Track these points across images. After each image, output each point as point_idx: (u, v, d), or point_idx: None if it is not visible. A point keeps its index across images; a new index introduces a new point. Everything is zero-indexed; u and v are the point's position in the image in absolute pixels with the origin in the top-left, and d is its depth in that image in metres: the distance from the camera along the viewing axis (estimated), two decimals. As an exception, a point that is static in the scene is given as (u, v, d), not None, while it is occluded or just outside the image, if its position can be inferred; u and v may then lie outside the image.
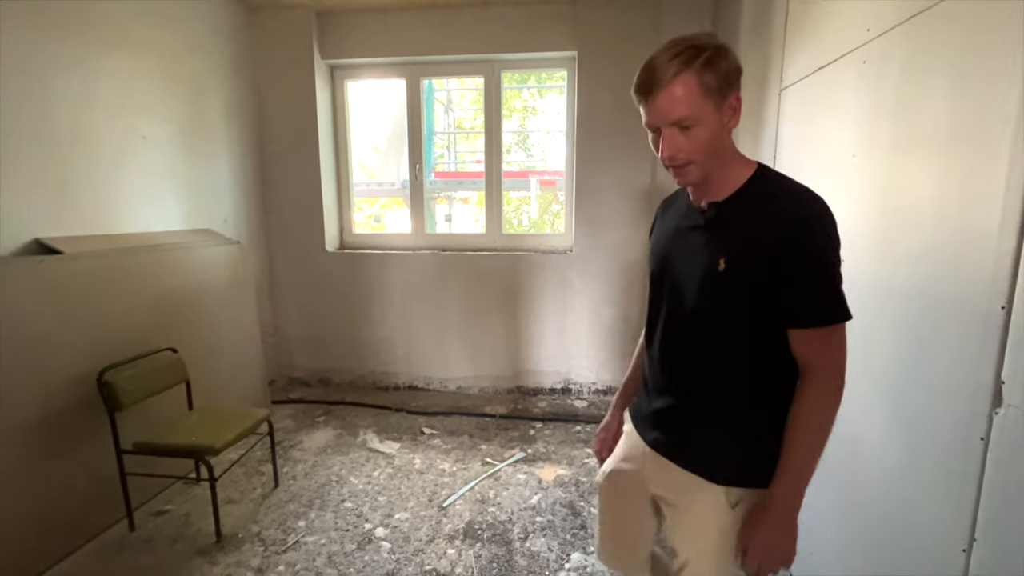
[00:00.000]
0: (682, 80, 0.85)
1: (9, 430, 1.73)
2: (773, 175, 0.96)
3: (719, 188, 0.95)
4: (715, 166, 0.93)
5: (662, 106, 0.87)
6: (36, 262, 1.87)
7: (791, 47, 1.88)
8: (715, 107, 0.87)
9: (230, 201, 3.21)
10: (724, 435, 0.99)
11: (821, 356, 0.90)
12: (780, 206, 0.89)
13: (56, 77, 2.09)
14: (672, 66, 0.85)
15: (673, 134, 0.88)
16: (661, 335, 1.07)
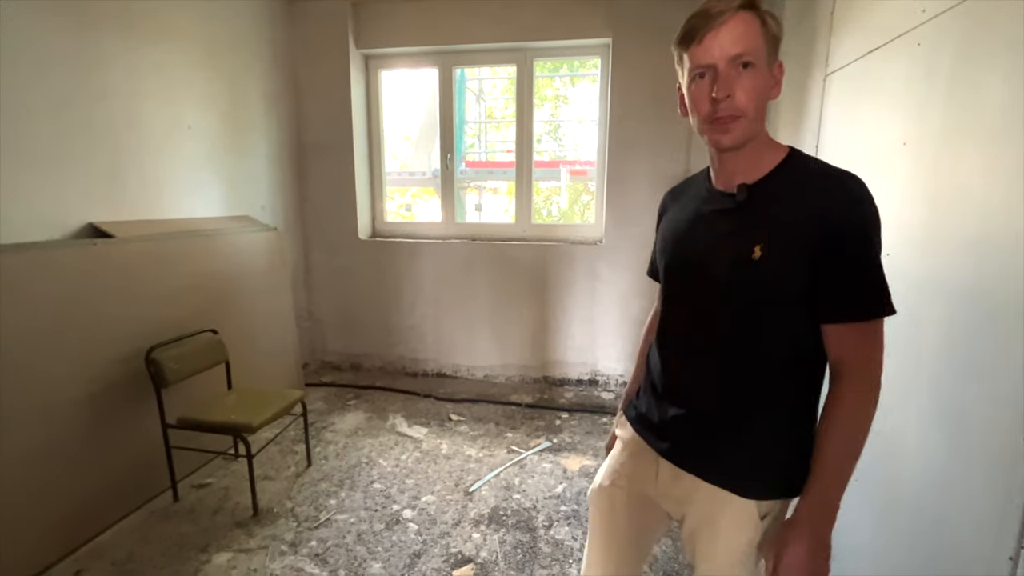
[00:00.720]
0: (745, 17, 0.78)
1: (66, 403, 1.85)
2: (808, 158, 0.88)
3: (750, 168, 0.86)
4: (756, 132, 0.84)
5: (723, 39, 0.78)
6: (90, 245, 1.98)
7: (839, 31, 1.80)
8: (768, 61, 0.81)
9: (267, 189, 3.30)
10: (755, 443, 0.88)
11: (861, 354, 0.81)
12: (824, 188, 0.80)
13: (106, 70, 2.18)
14: (734, 2, 0.78)
15: (730, 73, 0.79)
16: (680, 334, 0.98)
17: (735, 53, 0.78)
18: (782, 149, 0.88)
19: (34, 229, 1.91)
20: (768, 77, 0.82)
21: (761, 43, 0.79)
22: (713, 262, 0.89)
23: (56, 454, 1.82)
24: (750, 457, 0.89)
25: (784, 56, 0.83)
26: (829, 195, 0.80)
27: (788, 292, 0.82)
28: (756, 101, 0.81)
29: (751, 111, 0.81)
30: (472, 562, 1.87)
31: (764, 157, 0.87)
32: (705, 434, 0.92)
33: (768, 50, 0.81)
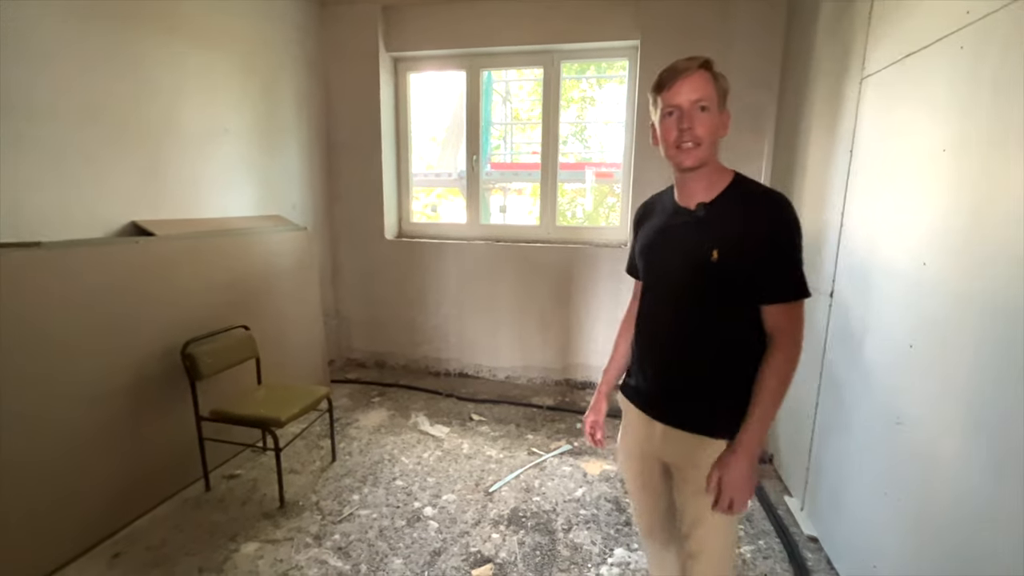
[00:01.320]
0: (703, 73, 1.07)
1: (107, 394, 1.93)
2: (748, 181, 1.14)
3: (706, 189, 1.13)
4: (710, 158, 1.10)
5: (687, 87, 1.06)
6: (133, 243, 2.07)
7: (876, 33, 1.75)
8: (719, 107, 1.09)
9: (298, 189, 3.39)
10: (718, 397, 1.14)
11: (789, 326, 1.08)
12: (760, 206, 1.08)
13: (149, 72, 2.27)
14: (695, 63, 1.08)
15: (693, 111, 1.06)
16: (658, 320, 1.22)
17: (695, 98, 1.06)
18: (729, 174, 1.14)
19: (81, 226, 2.01)
20: (718, 119, 1.09)
21: (713, 93, 1.08)
22: (680, 262, 1.14)
23: (100, 441, 1.91)
24: (717, 406, 1.14)
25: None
26: (764, 212, 1.07)
27: (736, 284, 1.08)
28: (709, 135, 1.07)
29: (706, 141, 1.07)
30: (491, 562, 1.89)
31: (715, 180, 1.13)
32: (681, 396, 1.19)
33: (719, 100, 1.09)
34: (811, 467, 2.09)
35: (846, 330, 1.86)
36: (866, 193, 1.77)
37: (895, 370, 1.52)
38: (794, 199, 2.44)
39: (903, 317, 1.49)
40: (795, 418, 2.30)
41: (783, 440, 2.46)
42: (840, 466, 1.84)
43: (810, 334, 2.11)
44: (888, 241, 1.61)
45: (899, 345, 1.49)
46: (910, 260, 1.47)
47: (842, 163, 1.94)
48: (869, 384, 1.67)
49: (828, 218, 2.05)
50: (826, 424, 1.98)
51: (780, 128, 2.82)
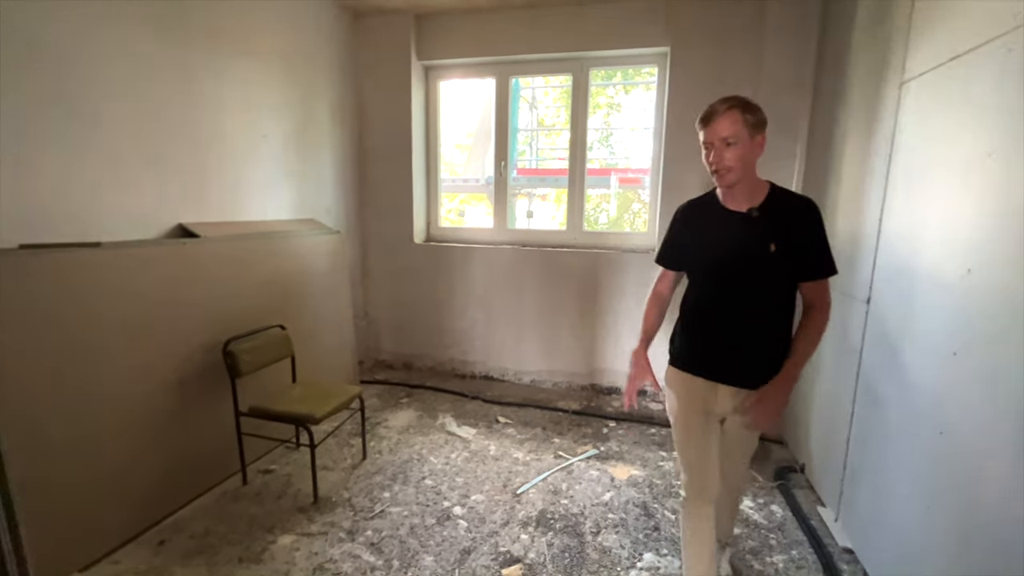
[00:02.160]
0: (732, 113, 1.34)
1: (154, 389, 2.02)
2: (782, 189, 1.45)
3: (750, 197, 1.42)
4: (744, 176, 1.38)
5: (717, 128, 1.35)
6: (180, 244, 2.16)
7: (916, 36, 1.73)
8: (749, 137, 1.35)
9: (332, 193, 3.49)
10: (769, 361, 1.45)
11: (824, 294, 1.42)
12: (802, 209, 1.41)
13: (197, 82, 2.39)
14: (725, 105, 1.36)
15: (722, 147, 1.35)
16: (722, 302, 1.48)
17: (724, 136, 1.35)
18: (765, 184, 1.45)
19: (135, 228, 2.11)
20: (748, 147, 1.36)
21: (742, 129, 1.34)
22: (742, 254, 1.42)
23: (147, 433, 2.00)
24: (768, 370, 1.44)
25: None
26: (805, 213, 1.41)
27: (786, 269, 1.40)
28: (738, 162, 1.35)
29: (735, 167, 1.36)
30: (520, 562, 1.90)
31: (755, 190, 1.43)
32: (749, 360, 1.47)
33: (748, 132, 1.35)
34: (846, 477, 2.05)
35: (884, 337, 1.83)
36: (906, 198, 1.74)
37: (937, 379, 1.49)
38: (828, 203, 2.42)
39: (945, 325, 1.46)
40: (828, 426, 2.26)
41: (816, 449, 2.41)
42: (878, 477, 1.80)
43: (845, 340, 2.09)
44: (930, 247, 1.58)
45: (942, 353, 1.47)
46: (953, 267, 1.44)
47: (880, 168, 1.92)
48: (909, 393, 1.64)
49: (864, 223, 2.02)
50: (862, 433, 1.95)
51: (813, 131, 2.78)
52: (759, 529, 2.12)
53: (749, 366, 1.47)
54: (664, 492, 2.38)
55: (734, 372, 1.49)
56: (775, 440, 2.91)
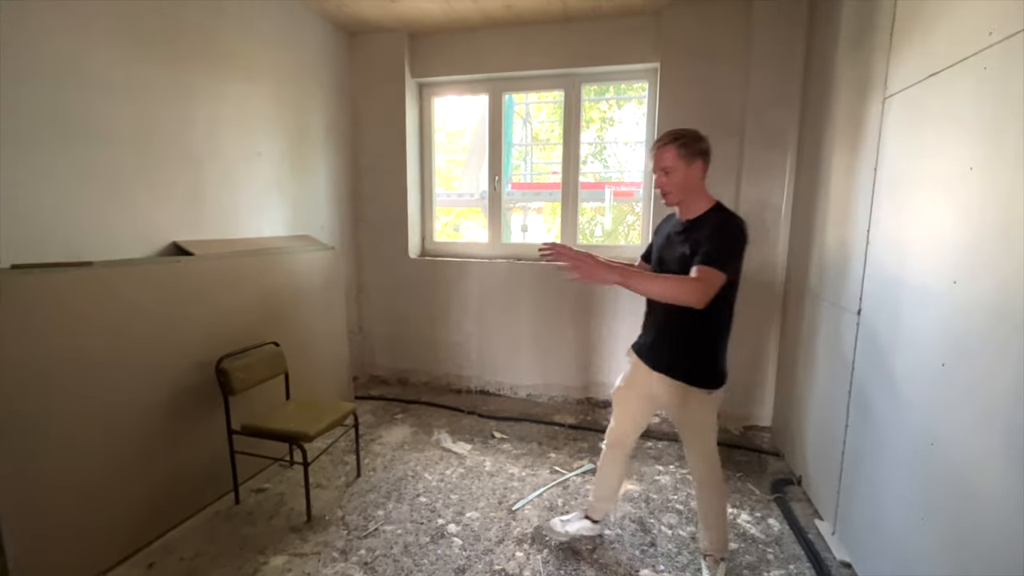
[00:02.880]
0: (669, 148, 1.65)
1: (146, 408, 2.01)
2: (718, 209, 1.68)
3: (690, 212, 1.71)
4: (685, 197, 1.69)
5: (657, 160, 1.68)
6: (174, 262, 2.16)
7: (897, 53, 1.76)
8: (685, 166, 1.64)
9: (326, 210, 3.50)
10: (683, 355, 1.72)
11: (699, 275, 1.51)
12: (715, 223, 1.63)
13: (191, 102, 2.41)
14: (663, 141, 1.66)
15: (661, 176, 1.68)
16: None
17: (661, 167, 1.67)
18: (710, 202, 1.70)
19: (128, 246, 2.12)
20: (684, 174, 1.65)
21: (677, 160, 1.64)
22: (668, 255, 1.74)
23: (139, 454, 1.98)
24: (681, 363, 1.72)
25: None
26: (712, 225, 1.63)
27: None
28: (674, 188, 1.67)
29: (673, 191, 1.68)
30: (516, 581, 1.88)
31: (695, 208, 1.70)
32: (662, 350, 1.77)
33: (684, 162, 1.64)
34: (842, 490, 2.04)
35: (875, 348, 1.84)
36: (892, 211, 1.77)
37: (927, 390, 1.50)
38: (818, 214, 2.45)
39: (934, 335, 1.48)
40: (823, 438, 2.25)
41: (812, 461, 2.41)
42: (873, 489, 1.79)
43: (838, 351, 2.10)
44: (916, 259, 1.60)
45: (931, 364, 1.47)
46: (940, 278, 1.46)
47: (866, 181, 1.94)
48: (901, 404, 1.64)
49: (853, 235, 2.04)
50: (857, 445, 1.94)
51: (802, 145, 2.82)
52: (756, 543, 2.11)
53: (664, 355, 1.75)
54: (661, 507, 2.36)
55: (656, 359, 1.78)
56: (772, 452, 2.90)
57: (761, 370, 3.15)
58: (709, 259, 1.52)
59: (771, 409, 3.17)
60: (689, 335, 1.68)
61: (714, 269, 1.51)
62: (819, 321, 2.39)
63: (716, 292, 1.51)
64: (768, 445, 3.01)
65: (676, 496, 2.45)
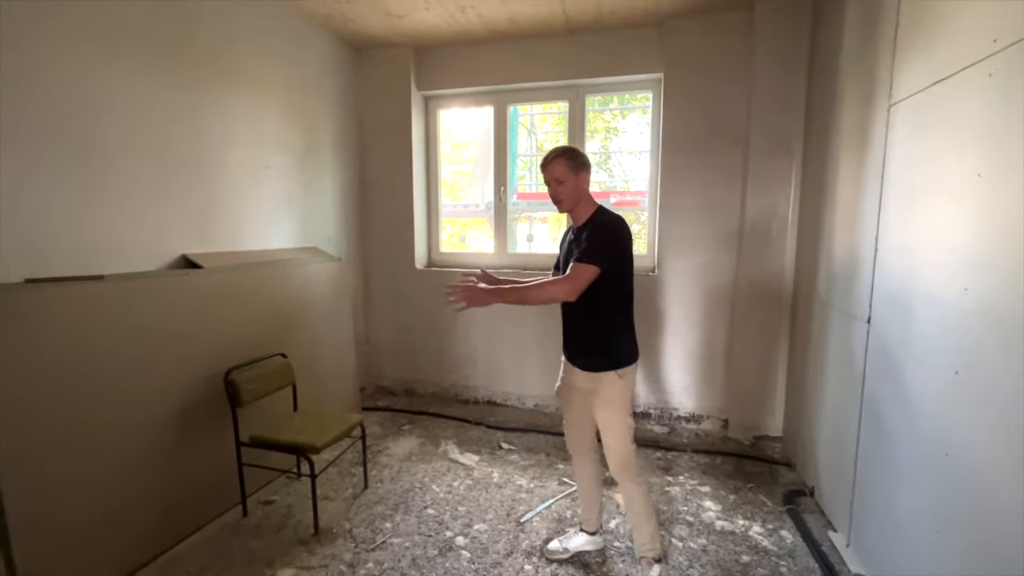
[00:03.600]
0: (559, 160, 1.80)
1: (155, 420, 2.02)
2: (601, 213, 1.81)
3: (579, 219, 1.85)
4: (575, 205, 1.83)
5: (549, 170, 1.81)
6: (183, 275, 2.19)
7: (901, 61, 1.77)
8: (574, 176, 1.80)
9: (334, 222, 3.53)
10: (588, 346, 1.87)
11: (570, 273, 1.69)
12: (593, 225, 1.79)
13: (201, 118, 2.45)
14: (554, 154, 1.81)
15: (553, 185, 1.82)
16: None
17: (553, 178, 1.81)
18: (594, 207, 1.84)
19: (138, 260, 2.14)
20: (575, 182, 1.80)
21: (567, 171, 1.79)
22: (565, 259, 1.89)
23: (147, 466, 1.98)
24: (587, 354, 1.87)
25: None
26: (591, 227, 1.78)
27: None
28: (566, 196, 1.81)
29: (566, 199, 1.82)
30: (524, 595, 1.86)
31: (583, 214, 1.84)
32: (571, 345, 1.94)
33: (572, 172, 1.79)
34: (855, 501, 2.01)
35: (886, 357, 1.82)
36: (901, 218, 1.76)
37: (940, 399, 1.48)
38: (825, 222, 2.44)
39: (946, 344, 1.46)
40: (835, 448, 2.22)
41: (823, 472, 2.37)
42: (887, 500, 1.76)
43: (848, 360, 2.08)
44: (926, 267, 1.58)
45: (944, 372, 1.46)
46: (951, 286, 1.44)
47: (873, 188, 1.94)
48: (914, 413, 1.62)
49: (861, 243, 2.03)
50: (870, 456, 1.92)
51: (808, 152, 2.82)
52: (769, 556, 2.07)
53: (575, 349, 1.91)
54: (671, 519, 2.33)
55: (570, 354, 1.93)
56: (783, 463, 2.87)
57: (770, 379, 3.12)
58: (579, 257, 1.70)
59: (781, 419, 3.13)
60: (588, 327, 1.84)
61: (582, 264, 1.68)
62: (828, 329, 2.37)
63: (585, 283, 1.68)
64: (779, 456, 2.97)
65: (686, 508, 2.42)
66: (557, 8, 2.96)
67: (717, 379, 3.30)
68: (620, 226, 1.77)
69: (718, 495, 2.54)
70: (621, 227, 1.77)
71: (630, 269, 1.82)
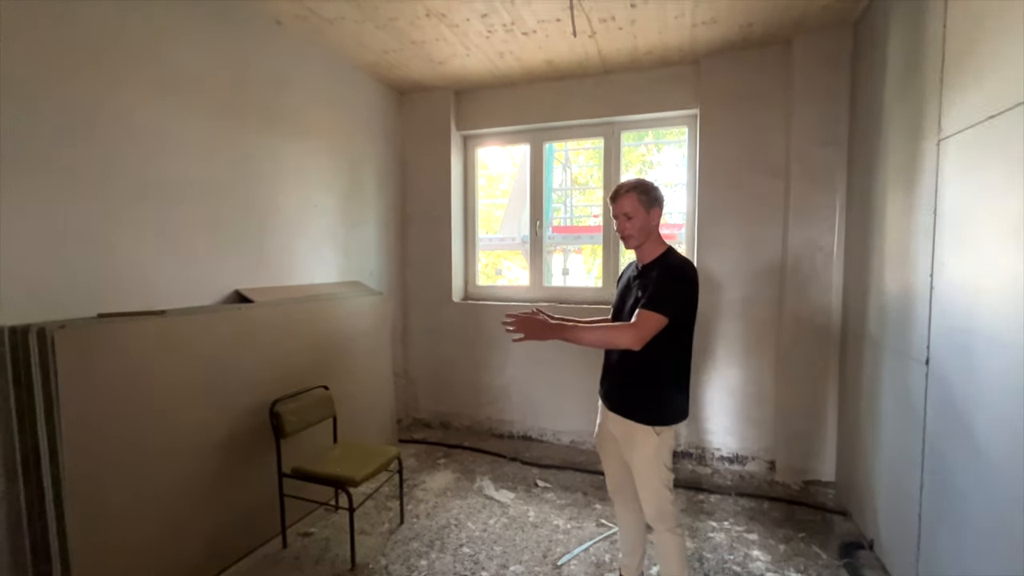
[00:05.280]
0: (630, 195, 1.73)
1: (204, 450, 2.10)
2: (670, 254, 1.76)
3: (645, 258, 1.79)
4: (643, 242, 1.76)
5: (619, 205, 1.75)
6: (236, 310, 2.30)
7: (949, 95, 1.72)
8: (645, 212, 1.73)
9: (375, 256, 3.66)
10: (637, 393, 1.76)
11: (638, 320, 1.62)
12: (661, 267, 1.72)
13: (255, 161, 2.62)
14: (625, 188, 1.75)
15: (623, 220, 1.75)
16: None
17: (623, 213, 1.75)
18: (663, 248, 1.77)
19: (194, 295, 2.28)
20: (646, 219, 1.73)
21: (638, 206, 1.72)
22: (624, 298, 1.85)
23: (194, 497, 2.05)
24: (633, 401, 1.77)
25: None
26: (659, 269, 1.72)
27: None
28: (635, 232, 1.74)
29: (635, 235, 1.75)
30: (563, 644, 1.79)
31: (651, 252, 1.78)
32: (614, 389, 1.85)
33: (643, 207, 1.73)
34: (921, 558, 1.86)
35: (949, 402, 1.71)
36: (957, 254, 1.68)
37: (1012, 448, 1.37)
38: (873, 257, 2.36)
39: (1014, 388, 1.36)
40: (897, 500, 2.08)
41: (884, 524, 2.21)
42: (956, 558, 1.63)
43: (907, 404, 1.97)
44: (988, 306, 1.50)
45: (1013, 420, 1.36)
46: (1015, 326, 1.36)
47: (925, 223, 1.87)
48: (983, 464, 1.51)
49: (915, 280, 1.95)
50: (935, 509, 1.78)
51: (851, 185, 2.75)
52: (825, 614, 1.93)
53: (616, 395, 1.81)
54: (716, 568, 2.21)
55: (610, 399, 1.84)
56: (838, 511, 2.69)
57: (819, 419, 2.97)
58: (648, 303, 1.62)
59: (834, 463, 2.96)
60: (636, 374, 1.74)
61: (652, 312, 1.61)
62: (882, 369, 2.25)
63: (652, 333, 1.60)
64: (833, 503, 2.80)
65: (732, 556, 2.30)
66: (592, 50, 3.05)
67: (762, 418, 3.17)
68: (691, 271, 1.69)
69: (767, 544, 2.40)
70: (691, 272, 1.69)
71: (693, 321, 1.74)
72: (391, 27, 2.78)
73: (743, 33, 2.85)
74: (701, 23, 2.71)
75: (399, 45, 3.01)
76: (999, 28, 1.47)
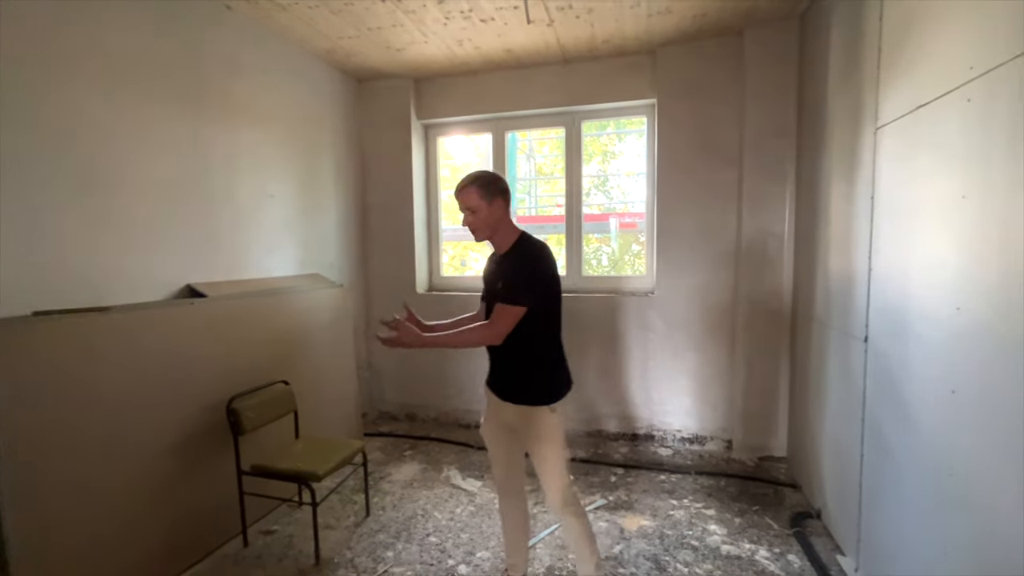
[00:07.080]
0: (470, 188, 1.72)
1: (157, 451, 2.02)
2: (523, 241, 1.76)
3: (500, 247, 1.80)
4: (492, 234, 1.76)
5: (462, 198, 1.74)
6: (188, 304, 2.22)
7: (885, 86, 1.82)
8: (487, 204, 1.71)
9: (335, 248, 3.58)
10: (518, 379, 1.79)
11: (495, 317, 1.67)
12: (516, 253, 1.75)
13: (207, 150, 2.52)
14: (465, 182, 1.74)
15: (467, 214, 1.75)
16: None
17: (466, 207, 1.74)
18: (516, 236, 1.77)
19: (144, 290, 2.18)
20: (488, 212, 1.72)
21: (479, 200, 1.71)
22: (489, 289, 1.83)
23: (149, 496, 1.98)
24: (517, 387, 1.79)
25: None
26: (515, 256, 1.75)
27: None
28: (481, 225, 1.74)
29: (481, 228, 1.75)
30: (528, 624, 1.83)
31: (504, 243, 1.78)
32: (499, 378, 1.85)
33: (485, 200, 1.71)
34: (863, 523, 1.98)
35: (885, 376, 1.82)
36: (893, 239, 1.78)
37: (940, 418, 1.48)
38: (820, 242, 2.47)
39: (942, 362, 1.47)
40: (840, 469, 2.21)
41: (830, 493, 2.35)
42: (895, 522, 1.75)
43: (847, 379, 2.08)
44: (919, 287, 1.60)
45: (941, 391, 1.46)
46: (943, 305, 1.46)
47: (864, 209, 1.97)
48: (914, 433, 1.62)
49: (855, 263, 2.06)
50: (874, 477, 1.90)
51: (801, 175, 2.87)
52: (776, 581, 2.04)
53: (504, 384, 1.82)
54: (676, 544, 2.30)
55: (499, 388, 1.84)
56: (789, 484, 2.83)
57: (773, 398, 3.11)
58: (504, 297, 1.67)
59: (786, 439, 3.11)
60: (517, 362, 1.77)
61: (508, 306, 1.65)
62: (827, 348, 2.37)
63: (511, 326, 1.64)
64: (785, 477, 2.94)
65: (691, 532, 2.39)
66: (552, 39, 3.06)
67: (719, 399, 3.29)
68: (542, 256, 1.71)
69: (723, 518, 2.51)
70: (543, 257, 1.71)
71: (557, 299, 1.77)
72: (346, 12, 2.71)
73: (697, 23, 2.91)
74: (656, 13, 2.75)
75: (355, 31, 2.94)
76: (926, 22, 1.56)
